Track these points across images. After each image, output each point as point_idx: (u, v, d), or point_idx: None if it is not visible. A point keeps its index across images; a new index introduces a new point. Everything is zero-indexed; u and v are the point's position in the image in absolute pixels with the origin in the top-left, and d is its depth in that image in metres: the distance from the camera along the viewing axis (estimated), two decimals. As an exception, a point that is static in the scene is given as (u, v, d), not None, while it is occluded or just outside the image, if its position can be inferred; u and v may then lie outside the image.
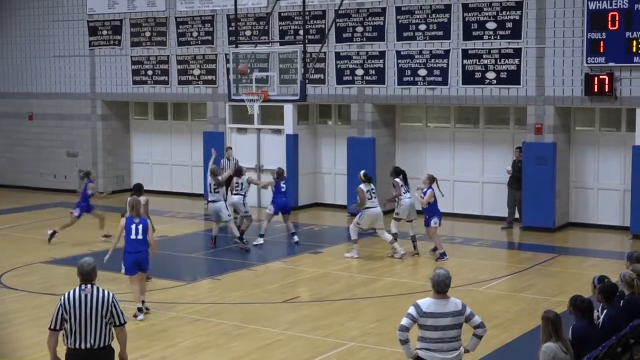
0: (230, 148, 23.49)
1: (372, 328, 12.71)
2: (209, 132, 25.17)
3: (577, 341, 8.44)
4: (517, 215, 21.02)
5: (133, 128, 28.12)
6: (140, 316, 13.16)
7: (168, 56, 25.80)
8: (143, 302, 13.32)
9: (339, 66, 23.01)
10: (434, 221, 17.43)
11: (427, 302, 8.16)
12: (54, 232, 19.26)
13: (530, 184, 20.51)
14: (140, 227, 13.13)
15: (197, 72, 25.35)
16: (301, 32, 22.59)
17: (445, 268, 8.35)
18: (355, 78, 22.79)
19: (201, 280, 16.09)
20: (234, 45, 22.73)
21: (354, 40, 22.74)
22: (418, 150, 23.19)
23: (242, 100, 21.84)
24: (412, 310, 8.15)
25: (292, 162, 23.61)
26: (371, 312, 13.66)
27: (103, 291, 8.05)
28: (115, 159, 27.63)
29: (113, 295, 8.11)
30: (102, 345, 7.96)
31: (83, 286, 8.01)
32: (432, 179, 17.82)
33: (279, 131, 24.04)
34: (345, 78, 22.94)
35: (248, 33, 24.28)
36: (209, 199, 19.00)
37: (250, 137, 24.52)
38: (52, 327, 7.98)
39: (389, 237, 17.85)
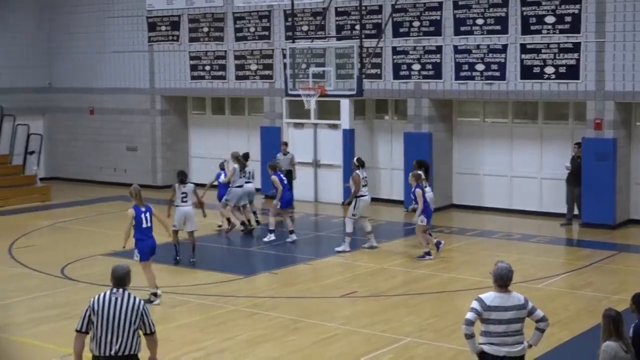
0: (286, 143, 23.56)
1: (429, 324, 12.62)
2: (265, 127, 25.25)
3: (638, 340, 8.27)
4: (576, 212, 20.71)
5: (191, 123, 28.34)
6: (157, 301, 13.56)
7: (225, 51, 25.93)
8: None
9: (395, 61, 22.89)
10: (420, 219, 16.99)
11: (490, 296, 8.09)
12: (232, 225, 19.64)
13: (589, 180, 20.18)
14: (148, 215, 13.53)
15: (254, 67, 25.44)
16: (358, 27, 22.52)
17: (507, 262, 8.22)
18: (412, 73, 22.65)
19: (258, 274, 16.14)
20: (291, 41, 22.77)
21: (411, 35, 22.60)
22: (475, 145, 22.98)
23: (299, 95, 21.87)
24: (475, 304, 8.06)
25: (349, 157, 23.52)
26: (428, 308, 13.57)
27: (134, 297, 7.80)
28: (174, 154, 27.87)
29: (144, 302, 7.87)
30: (127, 353, 7.65)
31: (114, 289, 7.78)
32: (417, 177, 17.22)
33: (335, 126, 24.01)
34: (402, 73, 22.82)
35: (305, 28, 24.28)
36: (237, 184, 19.49)
37: (307, 132, 24.53)
38: (79, 328, 7.73)
39: (369, 227, 17.80)
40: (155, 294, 13.74)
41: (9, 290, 14.67)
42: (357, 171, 17.63)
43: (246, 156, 20.16)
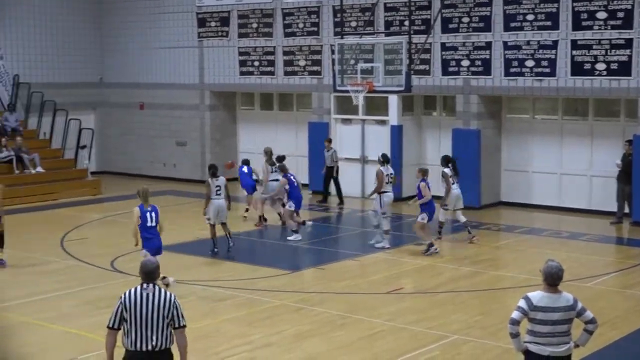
0: (330, 140, 23.60)
1: (476, 321, 12.55)
2: (313, 123, 25.29)
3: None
4: (626, 210, 20.42)
5: (240, 118, 28.50)
6: (171, 279, 14.16)
7: (274, 47, 26.01)
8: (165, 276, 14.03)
9: (444, 57, 22.77)
10: (421, 217, 16.93)
11: (538, 296, 7.93)
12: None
13: (641, 178, 19.89)
14: (153, 214, 13.66)
15: (302, 63, 25.49)
16: (406, 23, 22.47)
17: (557, 260, 8.07)
18: (461, 69, 22.52)
19: (305, 270, 16.19)
20: (340, 37, 22.80)
21: (460, 30, 22.46)
22: (524, 142, 22.78)
23: (347, 91, 21.91)
24: (522, 303, 7.94)
25: (397, 153, 23.50)
26: (475, 305, 13.49)
27: (165, 292, 7.72)
28: (223, 149, 28.05)
29: (175, 296, 7.76)
30: (162, 347, 7.60)
31: (145, 285, 7.67)
32: (424, 172, 17.19)
33: (383, 122, 23.96)
34: (450, 69, 22.70)
35: (353, 24, 24.26)
36: (272, 179, 19.83)
37: (355, 128, 24.51)
38: (111, 325, 7.65)
39: (388, 226, 17.59)
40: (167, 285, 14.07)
41: (60, 282, 14.91)
42: (381, 167, 17.50)
43: (280, 158, 19.98)
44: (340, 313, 12.92)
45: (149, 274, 7.72)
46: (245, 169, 20.95)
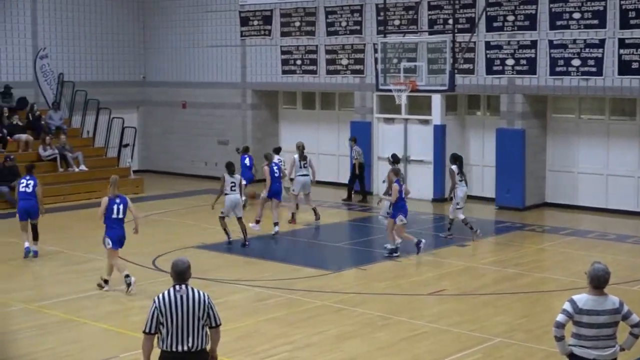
0: (354, 139, 23.59)
1: (519, 324, 12.44)
2: (356, 122, 25.26)
3: None
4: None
5: (281, 117, 28.56)
6: (106, 287, 14.20)
7: (317, 46, 26.03)
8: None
9: (488, 56, 22.60)
10: (399, 218, 16.63)
11: (583, 299, 7.83)
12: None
13: (690, 180, 19.57)
14: (121, 206, 14.16)
15: (345, 61, 25.48)
16: (450, 21, 22.33)
17: (603, 262, 7.95)
18: (506, 68, 22.34)
19: (347, 270, 16.16)
20: (383, 35, 22.71)
21: (505, 29, 22.28)
22: (570, 142, 22.54)
23: (390, 90, 21.82)
24: (567, 306, 7.84)
25: (440, 153, 23.41)
26: (518, 308, 13.38)
27: (198, 292, 7.66)
28: (264, 148, 28.03)
29: (208, 295, 7.72)
30: (199, 348, 7.59)
31: (177, 287, 7.62)
32: (396, 172, 16.90)
33: (426, 121, 23.87)
34: (495, 68, 22.53)
35: (397, 22, 24.19)
36: (299, 174, 20.46)
37: (397, 128, 24.44)
38: (147, 330, 7.61)
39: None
40: (106, 281, 14.30)
41: (99, 280, 15.03)
42: (394, 167, 17.36)
43: (277, 150, 21.58)
44: (381, 314, 12.89)
45: (181, 274, 7.64)
46: (247, 160, 21.09)
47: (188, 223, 20.71)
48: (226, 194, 17.49)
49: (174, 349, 7.53)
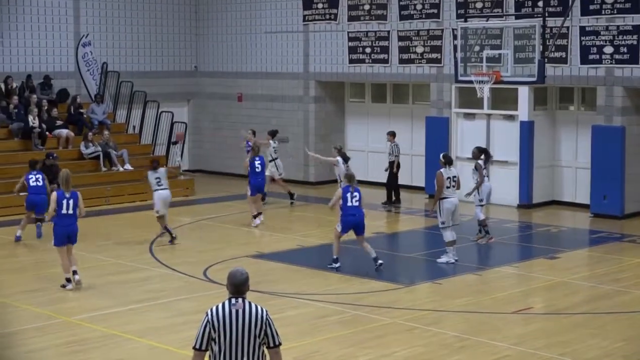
0: (394, 134, 23.56)
1: (617, 348, 12.31)
2: (432, 117, 25.23)
3: None
4: None
5: (348, 111, 28.63)
6: (69, 285, 15.21)
7: (388, 32, 26.04)
8: (75, 272, 15.33)
9: (584, 43, 22.38)
10: (338, 225, 16.64)
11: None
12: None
13: None
14: (71, 201, 15.22)
15: (420, 49, 25.45)
16: (540, 3, 22.17)
17: None
18: (603, 57, 22.09)
19: (420, 284, 16.16)
20: (463, 20, 22.66)
21: (603, 12, 22.04)
22: (677, 141, 22.22)
23: (471, 82, 21.73)
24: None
25: (526, 153, 23.25)
26: (616, 330, 13.23)
27: (256, 306, 7.58)
28: (329, 145, 28.10)
29: (267, 311, 7.62)
30: None
31: (233, 300, 7.55)
32: (349, 178, 16.71)
33: (511, 117, 23.73)
34: (591, 57, 22.29)
35: (479, 5, 24.08)
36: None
37: (479, 124, 24.33)
38: (197, 346, 7.55)
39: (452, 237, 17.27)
40: (68, 280, 15.28)
41: (149, 292, 15.28)
42: (442, 170, 17.17)
43: (274, 133, 23.73)
44: (458, 334, 12.86)
45: (238, 286, 7.62)
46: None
47: (243, 229, 20.90)
48: (154, 191, 18.93)
49: None
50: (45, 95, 26.38)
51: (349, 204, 16.33)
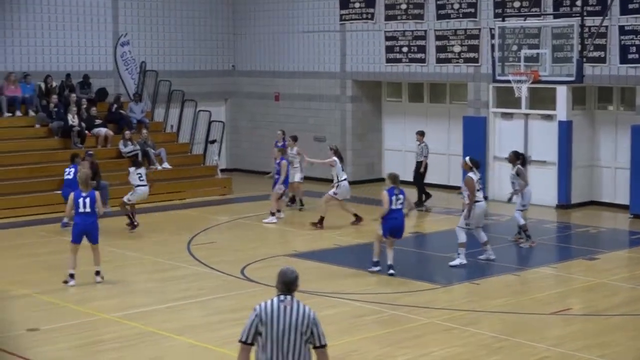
0: (422, 133, 23.43)
1: (658, 350, 12.20)
2: (469, 117, 25.11)
3: None
4: None
5: (385, 111, 28.58)
6: (72, 282, 15.40)
7: (425, 31, 25.95)
8: (97, 272, 15.70)
9: (623, 42, 22.16)
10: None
11: None
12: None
13: None
14: (87, 200, 15.42)
15: (457, 49, 25.33)
16: (579, 3, 22.00)
17: None
18: (643, 56, 21.90)
19: (457, 284, 16.08)
20: (501, 19, 22.57)
21: (643, 11, 21.83)
22: None
23: (509, 81, 21.67)
24: None
25: (565, 153, 23.06)
26: (657, 332, 13.12)
27: (304, 306, 7.66)
28: (365, 145, 28.20)
29: (315, 312, 7.67)
30: None
31: (282, 297, 7.64)
32: (394, 179, 16.23)
33: (549, 117, 23.55)
34: (630, 56, 22.08)
35: (517, 4, 23.93)
36: (344, 178, 20.94)
37: (517, 124, 24.18)
38: (244, 339, 7.62)
39: (485, 237, 17.21)
40: (71, 275, 15.49)
41: (187, 290, 15.33)
42: (470, 174, 16.92)
43: (295, 138, 23.44)
44: (496, 335, 12.78)
45: (288, 284, 7.69)
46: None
47: (280, 228, 20.92)
48: (137, 186, 20.29)
49: None
50: (84, 94, 26.58)
51: (393, 206, 15.94)
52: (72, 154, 21.55)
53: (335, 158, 20.78)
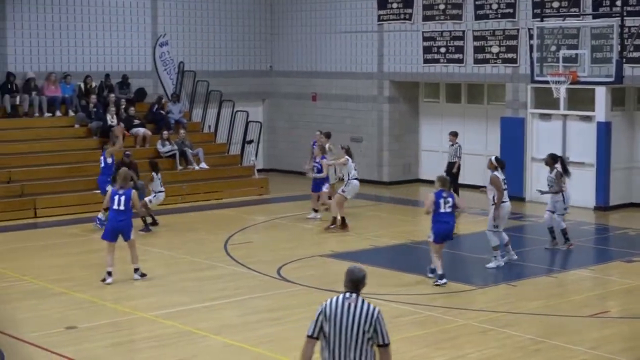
0: (455, 133, 23.32)
1: (697, 354, 12.06)
2: (507, 118, 24.99)
3: None
4: None
5: (422, 112, 28.51)
6: (109, 279, 15.53)
7: (463, 31, 25.86)
8: (136, 269, 15.84)
9: (664, 43, 21.97)
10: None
11: None
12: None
13: None
14: (122, 198, 15.56)
15: (495, 49, 25.22)
16: (618, 3, 21.82)
17: None
18: (684, 57, 21.67)
19: (494, 286, 16.01)
20: (539, 19, 22.44)
21: (684, 12, 21.61)
22: None
23: (547, 82, 21.52)
24: None
25: (603, 155, 22.88)
26: (696, 335, 12.98)
27: (368, 304, 7.81)
28: (402, 146, 28.14)
29: (380, 311, 7.81)
30: None
31: (348, 294, 7.83)
32: (443, 182, 15.81)
33: (588, 118, 23.38)
34: (671, 57, 21.88)
35: (555, 5, 23.77)
36: (355, 177, 20.78)
37: (555, 125, 24.03)
38: (310, 333, 7.81)
39: (506, 238, 16.95)
40: (109, 273, 15.63)
41: (224, 290, 15.40)
42: (496, 173, 16.78)
43: (328, 135, 22.99)
44: (533, 337, 12.72)
45: (355, 282, 7.88)
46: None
47: (316, 229, 20.93)
48: (160, 192, 20.68)
49: None
50: (123, 95, 26.77)
51: (442, 210, 15.36)
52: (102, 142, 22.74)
53: (347, 157, 20.69)
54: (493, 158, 17.24)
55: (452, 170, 23.51)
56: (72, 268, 17.04)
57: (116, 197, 15.60)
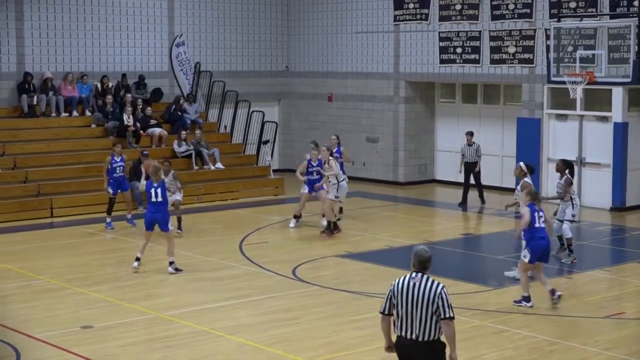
0: (472, 133, 23.28)
1: None
2: (523, 119, 24.93)
3: None
4: None
5: (438, 112, 28.47)
6: (135, 264, 16.30)
7: (480, 32, 25.82)
8: (171, 262, 16.31)
9: (681, 43, 21.86)
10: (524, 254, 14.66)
11: None
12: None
13: None
14: (159, 190, 16.31)
15: (512, 49, 25.16)
16: (636, 3, 21.75)
17: None
18: (702, 57, 21.56)
19: (509, 286, 15.96)
20: (556, 19, 22.39)
21: (702, 12, 21.51)
22: None
23: (564, 82, 21.47)
24: None
25: (620, 155, 22.81)
26: None
27: (432, 281, 8.52)
28: (418, 146, 28.12)
29: (444, 287, 8.51)
30: (427, 338, 8.47)
31: (413, 274, 8.56)
32: (534, 196, 14.98)
33: (605, 119, 23.31)
34: (688, 57, 21.77)
35: (572, 5, 23.71)
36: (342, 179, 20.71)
37: (571, 125, 23.97)
38: (382, 310, 8.73)
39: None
40: (137, 259, 16.36)
41: (239, 289, 15.42)
42: (526, 179, 16.40)
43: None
44: (548, 338, 12.70)
45: (422, 263, 8.59)
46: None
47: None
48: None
49: (403, 335, 8.57)
50: (139, 95, 26.84)
51: (537, 225, 14.13)
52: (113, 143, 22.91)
53: (332, 159, 20.43)
54: (522, 164, 16.68)
55: (475, 170, 23.52)
56: (88, 267, 17.11)
57: (152, 190, 16.35)
